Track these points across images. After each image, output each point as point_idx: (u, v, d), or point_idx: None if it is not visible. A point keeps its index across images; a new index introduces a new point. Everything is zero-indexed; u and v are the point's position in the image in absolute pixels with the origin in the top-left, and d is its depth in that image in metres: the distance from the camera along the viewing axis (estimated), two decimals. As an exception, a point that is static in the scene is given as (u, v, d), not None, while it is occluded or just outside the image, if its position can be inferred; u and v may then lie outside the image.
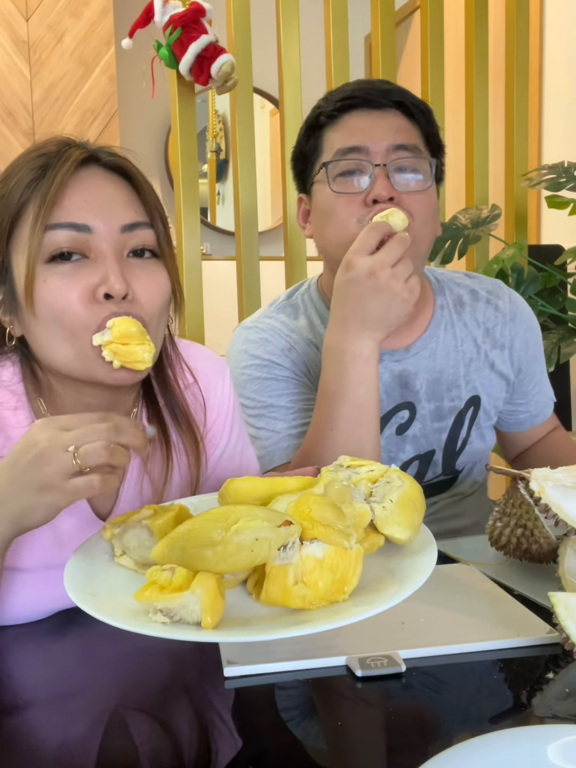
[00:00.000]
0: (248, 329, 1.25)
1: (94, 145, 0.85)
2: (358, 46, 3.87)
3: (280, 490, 0.72)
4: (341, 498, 0.70)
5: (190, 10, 1.90)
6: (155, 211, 0.84)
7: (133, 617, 0.62)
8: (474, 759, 0.52)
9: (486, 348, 1.29)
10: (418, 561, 0.68)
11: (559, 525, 0.83)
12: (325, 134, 1.16)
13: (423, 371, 1.24)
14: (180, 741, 0.63)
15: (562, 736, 0.53)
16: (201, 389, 0.97)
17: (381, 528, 0.71)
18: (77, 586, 0.66)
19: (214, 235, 4.18)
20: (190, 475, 0.94)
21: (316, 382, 1.22)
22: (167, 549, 0.63)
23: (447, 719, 0.65)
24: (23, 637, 0.83)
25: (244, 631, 0.62)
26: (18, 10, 3.14)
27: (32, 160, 0.81)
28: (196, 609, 0.60)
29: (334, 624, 0.60)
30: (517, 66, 2.38)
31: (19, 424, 0.85)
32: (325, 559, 0.64)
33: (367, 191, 1.11)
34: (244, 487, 0.73)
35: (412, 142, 1.14)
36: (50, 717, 0.69)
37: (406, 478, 0.74)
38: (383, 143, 1.12)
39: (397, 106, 1.15)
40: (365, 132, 1.13)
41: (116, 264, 0.79)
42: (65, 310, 0.77)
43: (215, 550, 0.61)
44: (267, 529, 0.63)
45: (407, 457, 1.25)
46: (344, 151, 1.13)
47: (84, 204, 0.79)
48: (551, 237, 2.78)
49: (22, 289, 0.79)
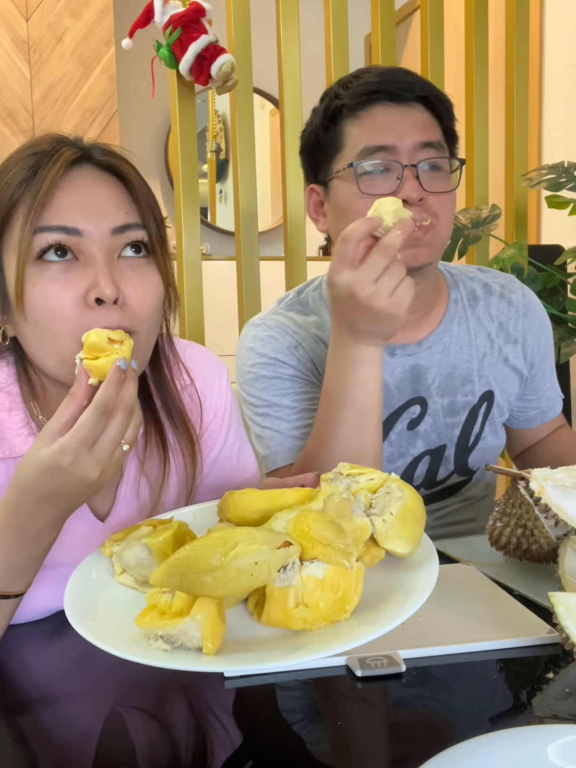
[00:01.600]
0: (256, 326, 1.24)
1: (89, 141, 0.84)
2: (358, 46, 3.87)
3: (279, 503, 0.72)
4: (341, 512, 0.69)
5: (190, 10, 1.90)
6: (148, 211, 0.82)
7: (134, 643, 0.62)
8: (474, 759, 0.52)
9: (500, 342, 1.28)
10: (420, 576, 0.68)
11: (559, 525, 0.83)
12: (347, 128, 1.13)
13: (435, 366, 1.23)
14: (180, 741, 0.63)
15: (562, 736, 0.53)
16: (198, 390, 0.97)
17: (382, 542, 0.70)
18: (78, 613, 0.66)
19: (214, 235, 4.18)
20: (186, 476, 0.94)
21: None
22: (166, 575, 0.62)
23: (447, 719, 0.65)
24: (23, 637, 0.83)
25: (247, 659, 0.61)
26: (18, 10, 3.14)
27: (24, 158, 0.80)
28: (197, 635, 0.60)
29: (336, 649, 0.59)
30: (517, 66, 2.38)
31: (14, 425, 0.85)
32: (325, 579, 0.64)
33: (395, 192, 1.09)
34: (242, 500, 0.73)
35: (437, 139, 1.13)
36: (51, 716, 0.69)
37: (406, 488, 0.74)
38: (410, 141, 1.10)
39: (421, 100, 1.13)
40: (392, 129, 1.10)
41: (106, 267, 0.78)
42: (55, 315, 0.77)
43: (215, 575, 0.61)
44: (266, 552, 0.62)
45: (418, 452, 1.25)
46: (371, 150, 1.10)
47: (74, 206, 0.78)
48: (551, 237, 2.78)
49: (12, 291, 0.78)
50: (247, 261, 2.14)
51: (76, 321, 0.77)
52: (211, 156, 4.24)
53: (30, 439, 0.85)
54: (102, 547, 0.76)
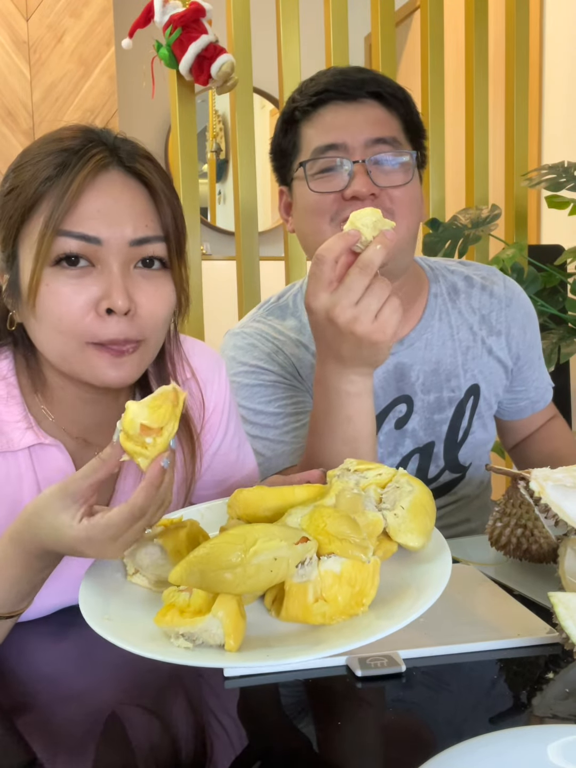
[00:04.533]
0: (236, 335, 1.24)
1: (114, 133, 0.83)
2: (358, 46, 3.87)
3: (289, 500, 0.72)
4: (353, 508, 0.70)
5: (190, 10, 1.90)
6: (170, 222, 0.82)
7: (153, 641, 0.62)
8: (474, 759, 0.51)
9: (482, 335, 1.28)
10: (433, 569, 0.68)
11: (559, 525, 0.83)
12: (302, 129, 1.15)
13: (419, 362, 1.23)
14: (180, 741, 0.63)
15: (562, 736, 0.53)
16: (199, 385, 0.97)
17: (394, 536, 0.71)
18: (94, 612, 0.66)
19: (214, 235, 4.18)
20: (186, 471, 0.94)
21: (307, 382, 1.21)
22: (186, 573, 0.62)
23: (447, 719, 0.65)
24: (23, 637, 0.82)
25: (271, 654, 0.61)
26: (18, 10, 3.14)
27: (51, 154, 0.79)
28: (219, 633, 0.60)
29: (357, 643, 0.59)
30: (517, 66, 2.38)
31: (12, 419, 0.85)
32: (343, 573, 0.64)
33: (345, 188, 1.09)
34: (252, 497, 0.72)
35: (391, 135, 1.12)
36: (52, 715, 0.69)
37: (415, 482, 0.74)
38: (361, 138, 1.10)
39: (373, 96, 1.12)
40: (342, 127, 1.10)
41: (120, 278, 0.78)
42: (64, 318, 0.77)
43: (235, 572, 0.61)
44: (285, 548, 0.62)
45: (407, 450, 1.24)
46: (322, 149, 1.11)
47: (97, 214, 0.78)
48: (551, 237, 2.78)
49: (26, 285, 0.79)
50: (247, 261, 2.14)
51: (85, 327, 0.78)
52: (211, 156, 4.24)
53: (28, 432, 0.85)
54: None
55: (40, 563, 0.72)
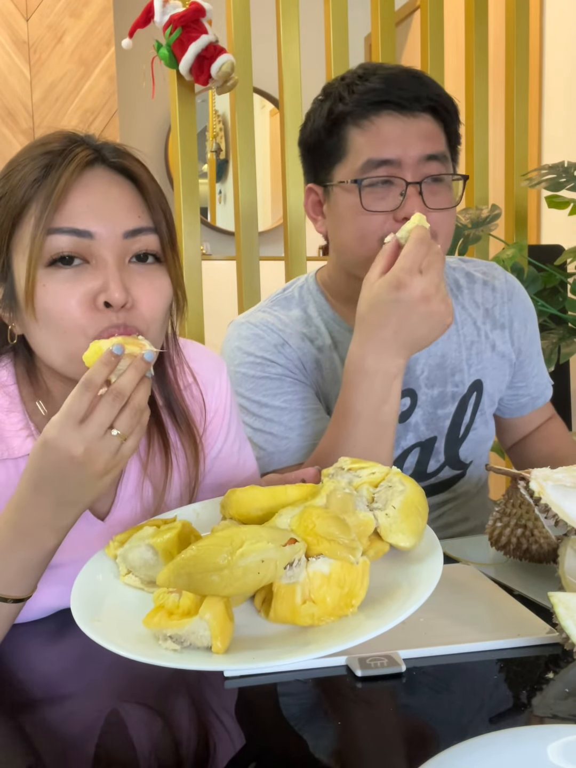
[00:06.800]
0: (241, 325, 1.24)
1: (100, 140, 0.84)
2: (358, 46, 3.86)
3: (281, 500, 0.72)
4: (344, 507, 0.70)
5: (190, 10, 1.90)
6: (160, 214, 0.83)
7: (142, 643, 0.62)
8: (474, 759, 0.52)
9: (486, 329, 1.28)
10: (424, 569, 0.68)
11: (559, 525, 0.83)
12: (351, 134, 1.11)
13: (424, 356, 1.23)
14: (180, 741, 0.63)
15: (562, 736, 0.53)
16: (200, 389, 0.97)
17: (385, 537, 0.70)
18: (85, 614, 0.66)
19: (214, 235, 4.18)
20: (188, 475, 0.94)
21: (311, 377, 1.21)
22: (173, 575, 0.62)
23: (447, 719, 0.65)
24: (23, 637, 0.83)
25: (257, 656, 0.61)
26: (18, 10, 3.14)
27: (36, 157, 0.79)
28: (206, 635, 0.60)
29: (346, 645, 0.60)
30: (517, 66, 2.38)
31: (13, 426, 0.85)
32: (331, 574, 0.64)
33: (398, 208, 1.08)
34: (245, 497, 0.73)
35: (441, 150, 1.12)
36: (52, 716, 0.69)
37: (407, 481, 0.74)
38: (414, 154, 1.09)
39: (428, 110, 1.11)
40: (397, 142, 1.09)
41: (117, 272, 0.78)
42: (63, 315, 0.77)
43: (221, 574, 0.61)
44: (272, 549, 0.62)
45: (408, 444, 1.25)
46: (376, 164, 1.09)
47: (87, 209, 0.78)
48: (551, 237, 2.78)
49: (22, 291, 0.79)
50: (247, 261, 2.14)
51: (85, 322, 0.78)
52: (211, 156, 4.24)
53: (29, 440, 0.85)
54: (106, 548, 0.76)
55: (26, 521, 0.73)
